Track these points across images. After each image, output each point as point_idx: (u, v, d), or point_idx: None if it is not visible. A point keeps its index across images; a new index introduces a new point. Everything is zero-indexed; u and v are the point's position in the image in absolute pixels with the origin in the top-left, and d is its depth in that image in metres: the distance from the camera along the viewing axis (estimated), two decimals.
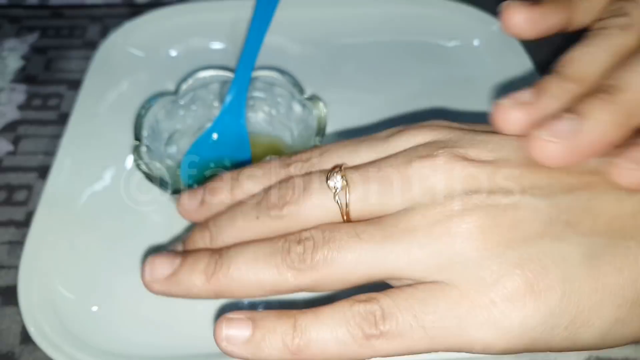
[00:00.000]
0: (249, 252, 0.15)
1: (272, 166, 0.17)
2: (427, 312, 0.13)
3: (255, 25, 0.28)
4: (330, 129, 0.24)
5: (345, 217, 0.15)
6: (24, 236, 0.24)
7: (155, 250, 0.24)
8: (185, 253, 0.16)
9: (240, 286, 0.15)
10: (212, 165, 0.26)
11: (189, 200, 0.18)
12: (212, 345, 0.20)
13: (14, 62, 0.34)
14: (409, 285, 0.14)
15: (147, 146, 0.24)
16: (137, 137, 0.24)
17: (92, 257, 0.23)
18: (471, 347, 0.13)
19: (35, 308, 0.21)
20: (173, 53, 0.33)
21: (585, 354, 0.21)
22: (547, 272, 0.13)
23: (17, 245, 0.24)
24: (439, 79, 0.32)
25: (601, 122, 0.14)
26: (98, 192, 0.26)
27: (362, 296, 0.14)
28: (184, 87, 0.26)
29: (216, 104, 0.27)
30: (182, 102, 0.26)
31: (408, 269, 0.14)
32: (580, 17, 0.18)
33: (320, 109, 0.24)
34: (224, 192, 0.17)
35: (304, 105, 0.25)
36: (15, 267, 0.23)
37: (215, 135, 0.27)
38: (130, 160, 0.27)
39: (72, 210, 0.25)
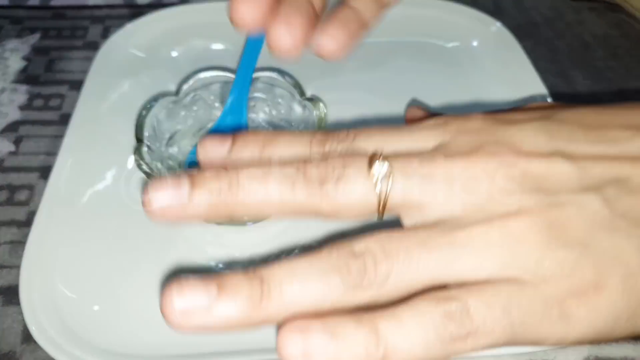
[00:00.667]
0: (299, 273, 0.13)
1: (309, 137, 0.16)
2: (512, 308, 0.13)
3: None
4: (333, 126, 0.24)
5: (381, 207, 0.14)
6: (25, 236, 0.24)
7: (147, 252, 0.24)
8: (216, 277, 0.13)
9: (295, 314, 0.13)
10: None
11: (213, 148, 0.16)
12: (214, 345, 0.20)
13: (15, 63, 0.34)
14: (488, 282, 0.13)
15: (148, 146, 0.24)
16: (139, 137, 0.24)
17: (94, 257, 0.23)
18: (545, 341, 0.13)
19: (36, 307, 0.21)
20: (174, 54, 0.33)
21: (585, 352, 0.21)
22: (609, 268, 0.13)
23: (18, 245, 0.25)
24: (438, 80, 0.32)
25: None
26: (99, 192, 0.26)
27: (442, 293, 0.13)
28: (185, 87, 0.26)
29: (217, 104, 0.27)
30: (183, 103, 0.26)
31: (475, 274, 0.13)
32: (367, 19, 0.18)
33: (321, 109, 0.24)
34: (257, 147, 0.16)
35: (304, 106, 0.25)
36: (16, 267, 0.23)
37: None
38: (131, 160, 0.27)
39: (73, 210, 0.25)
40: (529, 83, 0.31)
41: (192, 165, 0.26)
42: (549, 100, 0.29)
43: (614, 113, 0.16)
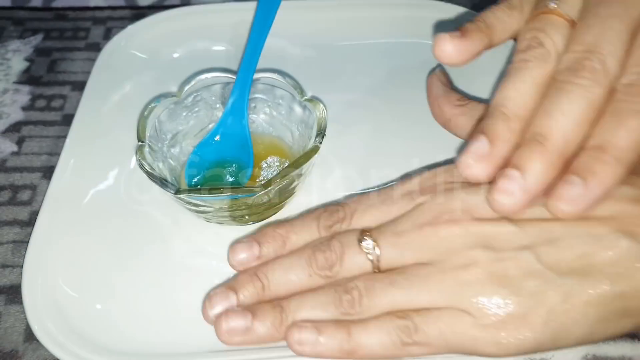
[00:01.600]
0: (307, 304, 0.19)
1: (315, 225, 0.21)
2: (448, 331, 0.18)
3: (257, 29, 0.29)
4: (331, 130, 0.25)
5: (376, 270, 0.19)
6: (27, 235, 0.24)
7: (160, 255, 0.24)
8: (250, 307, 0.20)
9: None
10: (215, 165, 0.26)
11: (245, 253, 0.21)
12: (215, 343, 0.20)
13: (18, 64, 0.34)
14: (436, 309, 0.18)
15: (150, 147, 0.24)
16: (140, 138, 0.24)
17: (96, 256, 0.24)
18: (479, 355, 0.18)
19: (39, 307, 0.21)
20: (176, 55, 0.33)
21: (583, 352, 0.21)
22: (536, 306, 0.17)
23: (21, 244, 0.25)
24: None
25: (540, 172, 0.18)
26: (102, 192, 0.26)
27: (400, 313, 0.18)
28: (187, 88, 0.26)
29: (218, 105, 0.28)
30: (184, 104, 0.27)
31: (430, 304, 0.18)
32: (498, 38, 0.22)
33: (320, 110, 0.25)
34: (275, 246, 0.21)
35: (304, 107, 0.26)
36: (19, 266, 0.24)
37: (218, 137, 0.27)
38: (133, 160, 0.27)
39: (76, 210, 0.25)
40: None
41: (192, 166, 0.26)
42: None
43: None
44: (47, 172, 0.28)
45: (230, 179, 0.25)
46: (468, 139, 0.22)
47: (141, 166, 0.23)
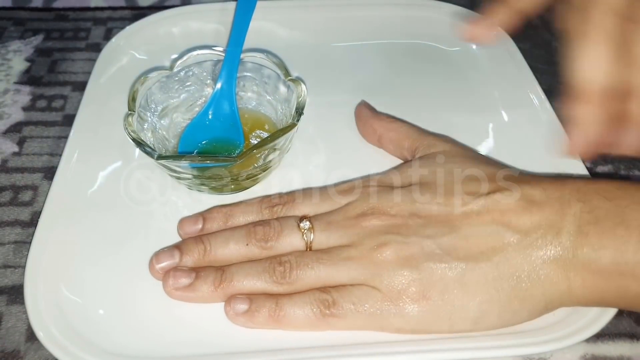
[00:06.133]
0: (244, 270, 0.22)
1: (258, 207, 0.24)
2: (361, 304, 0.21)
3: (241, 8, 0.30)
4: (331, 129, 0.26)
5: (308, 248, 0.22)
6: (29, 236, 0.24)
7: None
8: (196, 268, 0.22)
9: (239, 292, 0.22)
10: (208, 144, 0.27)
11: (189, 226, 0.24)
12: (215, 346, 0.20)
13: (18, 64, 0.34)
14: (352, 285, 0.21)
15: (140, 116, 0.26)
16: (130, 107, 0.25)
17: (97, 257, 0.24)
18: (389, 329, 0.21)
19: (40, 307, 0.21)
20: (176, 55, 0.33)
21: (582, 351, 0.21)
22: (434, 285, 0.20)
23: (22, 245, 0.25)
24: (437, 82, 0.32)
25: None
26: (103, 193, 0.26)
27: (321, 288, 0.21)
28: (179, 63, 0.27)
29: (209, 81, 0.29)
30: (176, 78, 0.28)
31: (349, 281, 0.21)
32: (528, 5, 0.25)
33: (299, 90, 0.26)
34: (218, 221, 0.24)
35: (288, 86, 0.27)
36: (21, 267, 0.24)
37: (210, 114, 0.28)
38: (135, 161, 0.27)
39: (77, 211, 0.25)
40: (527, 85, 0.31)
41: (185, 145, 0.27)
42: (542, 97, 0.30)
43: (466, 182, 0.23)
44: (49, 172, 0.28)
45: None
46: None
47: (127, 133, 0.24)
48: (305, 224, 0.22)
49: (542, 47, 0.36)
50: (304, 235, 0.22)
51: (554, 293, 0.20)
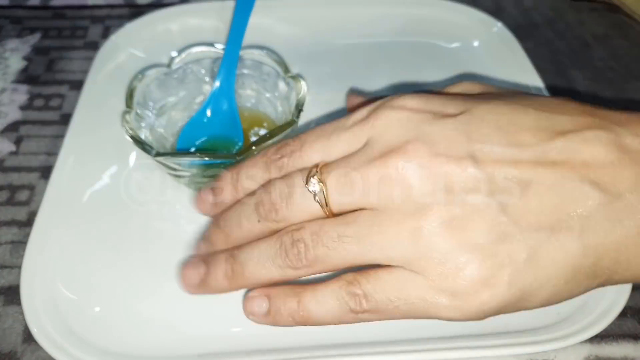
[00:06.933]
0: (254, 256, 0.18)
1: (263, 163, 0.20)
2: (399, 297, 0.16)
3: (239, 9, 0.30)
4: (329, 116, 0.24)
5: (327, 213, 0.18)
6: (26, 236, 0.24)
7: (161, 253, 0.24)
8: (207, 258, 0.20)
9: (254, 282, 0.19)
10: (207, 142, 0.27)
11: (203, 201, 0.21)
12: (214, 345, 0.20)
13: (15, 63, 0.34)
14: (386, 270, 0.17)
15: (138, 113, 0.25)
16: (128, 104, 0.25)
17: (95, 257, 0.23)
18: (437, 318, 0.17)
19: (37, 307, 0.21)
20: (174, 54, 0.33)
21: (585, 352, 0.21)
22: (498, 269, 0.16)
23: (19, 245, 0.25)
24: (439, 79, 0.32)
25: None
26: (100, 192, 0.26)
27: (349, 276, 0.17)
28: (177, 60, 0.27)
29: (207, 79, 0.28)
30: (174, 75, 0.27)
31: (384, 260, 0.17)
32: None
33: (299, 87, 0.25)
34: (229, 191, 0.20)
35: (287, 84, 0.26)
36: (17, 267, 0.23)
37: (208, 112, 0.28)
38: (132, 160, 0.27)
39: (74, 210, 0.25)
40: (530, 83, 0.31)
41: (184, 143, 0.27)
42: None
43: (529, 113, 0.17)
44: (45, 171, 0.27)
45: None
46: None
47: (125, 131, 0.24)
48: (314, 183, 0.17)
49: (545, 46, 0.35)
50: (316, 197, 0.17)
51: (638, 272, 0.16)
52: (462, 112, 0.17)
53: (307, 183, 0.17)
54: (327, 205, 0.17)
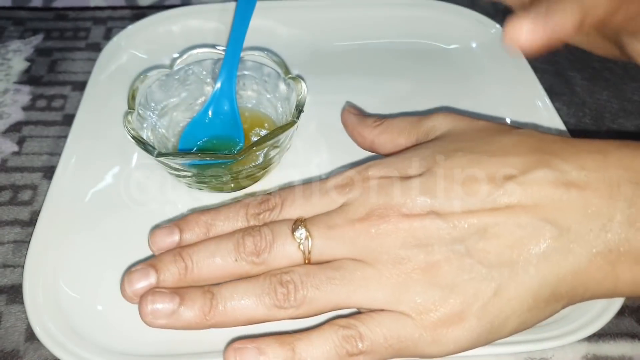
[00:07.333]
0: (238, 292, 0.18)
1: (244, 213, 0.20)
2: (392, 336, 0.18)
3: (240, 11, 0.30)
4: (332, 128, 0.25)
5: (306, 261, 0.19)
6: (28, 235, 0.24)
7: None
8: (178, 290, 0.19)
9: (233, 320, 0.18)
10: (208, 142, 0.27)
11: (163, 238, 0.20)
12: (214, 344, 0.20)
13: (18, 64, 0.34)
14: (376, 312, 0.18)
15: (140, 114, 0.25)
16: (130, 105, 0.25)
17: (97, 256, 0.24)
18: (422, 356, 0.18)
19: (40, 306, 0.21)
20: (176, 55, 0.33)
21: (583, 351, 0.21)
22: (468, 304, 0.17)
23: (22, 244, 0.25)
24: (438, 81, 0.32)
25: None
26: (102, 192, 0.26)
27: (342, 321, 0.18)
28: (179, 62, 0.27)
29: (209, 80, 0.29)
30: (176, 76, 0.28)
31: (368, 305, 0.18)
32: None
33: (299, 88, 0.26)
34: (199, 231, 0.20)
35: (288, 85, 0.27)
36: (20, 266, 0.24)
37: (210, 113, 0.28)
38: (134, 160, 0.27)
39: (77, 210, 0.25)
40: (527, 84, 0.31)
41: (186, 144, 0.27)
42: (546, 100, 0.30)
43: (482, 162, 0.19)
44: (48, 172, 0.28)
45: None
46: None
47: (127, 131, 0.24)
48: (301, 232, 0.19)
49: None
50: (301, 245, 0.18)
51: (596, 292, 0.18)
52: (423, 173, 0.19)
53: (293, 231, 0.19)
54: (309, 253, 0.19)
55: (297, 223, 0.19)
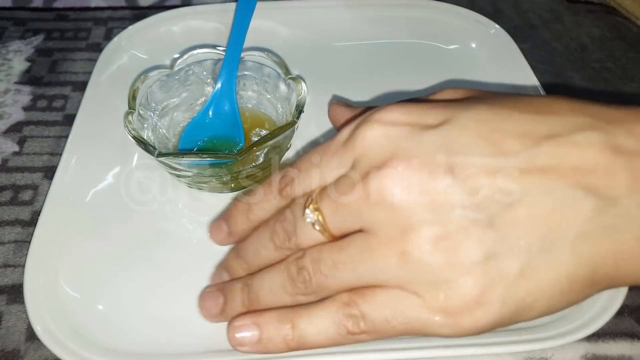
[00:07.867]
0: (265, 285, 0.19)
1: (271, 192, 0.20)
2: (396, 316, 0.16)
3: (240, 12, 0.30)
4: (332, 128, 0.25)
5: (329, 238, 0.18)
6: (29, 235, 0.24)
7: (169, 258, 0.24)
8: (223, 288, 0.20)
9: (271, 307, 0.19)
10: (208, 143, 0.27)
11: (217, 232, 0.22)
12: (215, 343, 0.20)
13: (19, 64, 0.34)
14: (382, 289, 0.16)
15: (140, 114, 0.26)
16: (130, 105, 0.25)
17: (97, 256, 0.24)
18: (433, 335, 0.16)
19: (40, 306, 0.21)
20: (176, 55, 0.33)
21: (582, 351, 0.21)
22: (490, 287, 0.15)
23: (22, 244, 0.25)
24: (437, 81, 0.32)
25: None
26: (103, 192, 0.26)
27: (345, 297, 0.17)
28: (180, 62, 0.28)
29: (209, 80, 0.29)
30: (177, 77, 0.28)
31: (378, 283, 0.17)
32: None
33: (299, 89, 0.26)
34: (242, 222, 0.21)
35: (288, 85, 0.27)
36: (21, 266, 0.24)
37: (210, 113, 0.28)
38: (135, 160, 0.27)
39: (77, 210, 0.25)
40: (527, 84, 0.31)
41: (186, 144, 0.27)
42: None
43: (513, 117, 0.16)
44: (49, 172, 0.28)
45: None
46: None
47: (127, 131, 0.24)
48: (309, 215, 0.17)
49: (543, 47, 0.36)
50: (315, 225, 0.17)
51: (638, 276, 0.15)
52: (442, 123, 0.16)
53: (302, 214, 0.17)
54: (326, 230, 0.17)
55: (307, 202, 0.17)
